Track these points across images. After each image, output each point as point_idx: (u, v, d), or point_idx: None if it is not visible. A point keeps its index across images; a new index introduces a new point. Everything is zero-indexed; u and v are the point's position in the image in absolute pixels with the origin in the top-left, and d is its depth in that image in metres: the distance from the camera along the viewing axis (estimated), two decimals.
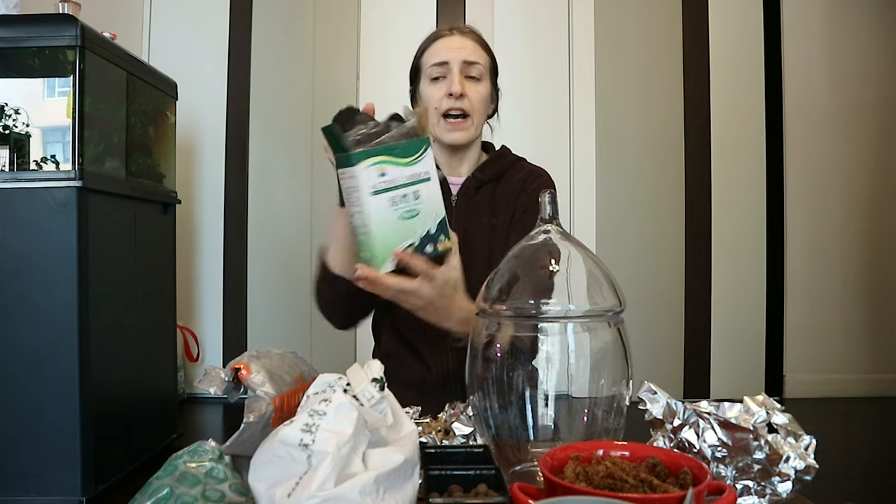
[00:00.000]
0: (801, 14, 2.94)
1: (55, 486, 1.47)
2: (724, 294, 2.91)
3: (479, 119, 1.29)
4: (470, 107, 1.25)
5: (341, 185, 0.93)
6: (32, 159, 1.56)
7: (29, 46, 1.54)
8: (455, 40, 1.28)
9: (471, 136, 1.29)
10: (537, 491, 0.59)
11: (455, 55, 1.26)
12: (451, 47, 1.27)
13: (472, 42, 1.28)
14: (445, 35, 1.29)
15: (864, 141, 2.96)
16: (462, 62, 1.25)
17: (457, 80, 1.24)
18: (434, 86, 1.27)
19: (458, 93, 1.23)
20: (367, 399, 0.60)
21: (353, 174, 0.88)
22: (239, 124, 2.84)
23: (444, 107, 1.25)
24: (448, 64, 1.25)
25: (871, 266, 2.97)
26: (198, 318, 2.83)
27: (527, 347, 0.76)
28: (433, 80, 1.27)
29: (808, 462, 0.67)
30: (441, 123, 1.26)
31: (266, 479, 0.57)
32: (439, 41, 1.29)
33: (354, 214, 0.90)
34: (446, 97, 1.25)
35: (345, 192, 0.91)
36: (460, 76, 1.25)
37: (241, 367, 0.79)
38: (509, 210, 1.29)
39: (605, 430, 0.75)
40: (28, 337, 1.49)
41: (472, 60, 1.26)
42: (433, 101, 1.27)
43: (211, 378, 0.80)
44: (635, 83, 2.90)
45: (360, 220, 0.89)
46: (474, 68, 1.26)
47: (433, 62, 1.27)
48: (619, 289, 0.76)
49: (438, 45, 1.28)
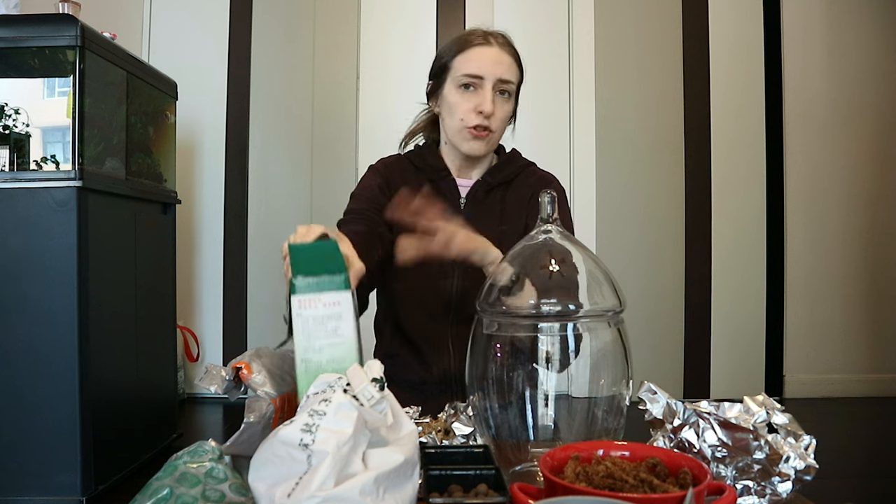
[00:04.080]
0: (801, 14, 2.94)
1: (55, 486, 1.47)
2: (724, 294, 2.91)
3: (500, 134, 1.28)
4: (495, 124, 1.24)
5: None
6: (32, 159, 1.56)
7: (29, 46, 1.53)
8: (492, 53, 1.23)
9: (489, 149, 1.28)
10: (537, 491, 0.59)
11: (492, 71, 1.22)
12: (489, 60, 1.23)
13: (509, 58, 1.24)
14: (481, 44, 1.24)
15: (864, 141, 2.96)
16: (497, 80, 1.22)
17: (489, 98, 1.21)
18: (463, 95, 1.24)
19: (489, 112, 1.21)
20: (367, 399, 0.60)
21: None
22: (239, 124, 2.84)
23: (472, 122, 1.23)
24: (483, 79, 1.22)
25: (872, 266, 2.97)
26: (198, 318, 2.83)
27: (527, 347, 0.76)
28: (463, 87, 1.24)
29: (808, 462, 0.67)
30: (464, 132, 1.24)
31: (266, 478, 0.57)
32: (476, 49, 1.24)
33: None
34: (475, 112, 1.22)
35: None
36: (493, 93, 1.22)
37: (243, 367, 0.79)
38: (520, 217, 1.28)
39: (605, 430, 0.75)
40: (28, 337, 1.49)
41: (507, 79, 1.23)
42: (460, 110, 1.24)
43: (212, 376, 0.80)
44: (635, 83, 2.90)
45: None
46: (507, 87, 1.24)
47: (467, 71, 1.23)
48: (619, 289, 0.76)
49: (474, 54, 1.23)
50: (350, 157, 2.83)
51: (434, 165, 1.30)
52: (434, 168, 1.30)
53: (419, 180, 1.30)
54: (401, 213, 1.07)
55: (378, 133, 2.80)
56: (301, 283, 0.72)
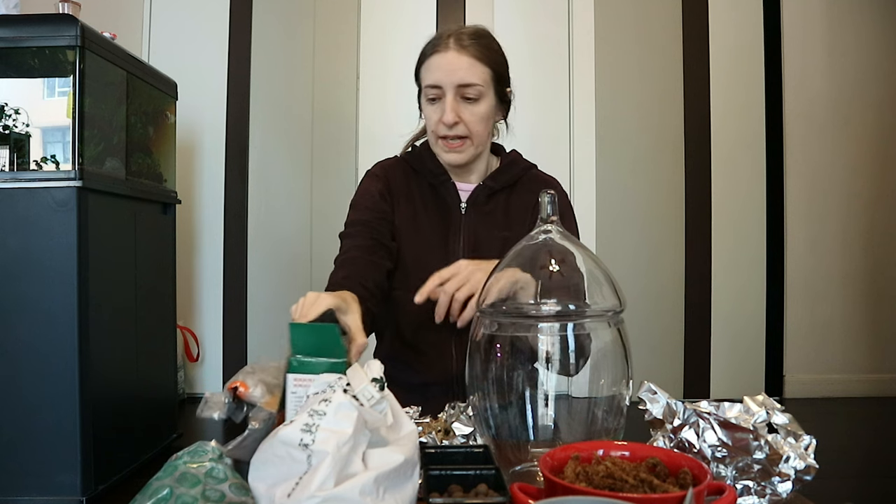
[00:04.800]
0: (801, 14, 2.94)
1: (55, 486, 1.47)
2: (724, 294, 2.91)
3: (480, 138, 1.23)
4: (466, 130, 1.20)
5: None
6: (32, 159, 1.56)
7: (29, 46, 1.54)
8: (448, 59, 1.19)
9: (469, 157, 1.24)
10: (537, 491, 0.59)
11: (448, 79, 1.18)
12: (445, 68, 1.18)
13: (468, 59, 1.18)
14: (440, 51, 1.20)
15: (865, 141, 2.96)
16: (456, 86, 1.18)
17: (449, 109, 1.17)
18: (430, 107, 1.22)
19: (450, 122, 1.18)
20: (367, 399, 0.60)
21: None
22: (239, 124, 2.84)
23: (441, 132, 1.21)
24: (442, 88, 1.18)
25: (872, 266, 2.97)
26: (198, 318, 2.83)
27: (527, 347, 0.76)
28: (430, 100, 1.22)
29: (808, 462, 0.67)
30: (439, 144, 1.23)
31: (266, 478, 0.57)
32: (433, 58, 1.21)
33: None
34: (440, 124, 1.20)
35: None
36: (454, 101, 1.18)
37: (238, 385, 0.78)
38: (525, 222, 1.26)
39: (605, 430, 0.75)
40: (28, 337, 1.49)
41: (466, 83, 1.18)
42: (430, 122, 1.23)
43: (212, 404, 0.78)
44: (635, 83, 2.90)
45: None
46: (471, 90, 1.18)
47: (428, 83, 1.21)
48: (619, 289, 0.75)
49: (432, 64, 1.20)
50: (350, 157, 2.83)
51: (433, 169, 1.29)
52: (433, 172, 1.29)
53: (419, 183, 1.29)
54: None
55: (378, 133, 2.80)
56: (298, 364, 0.73)
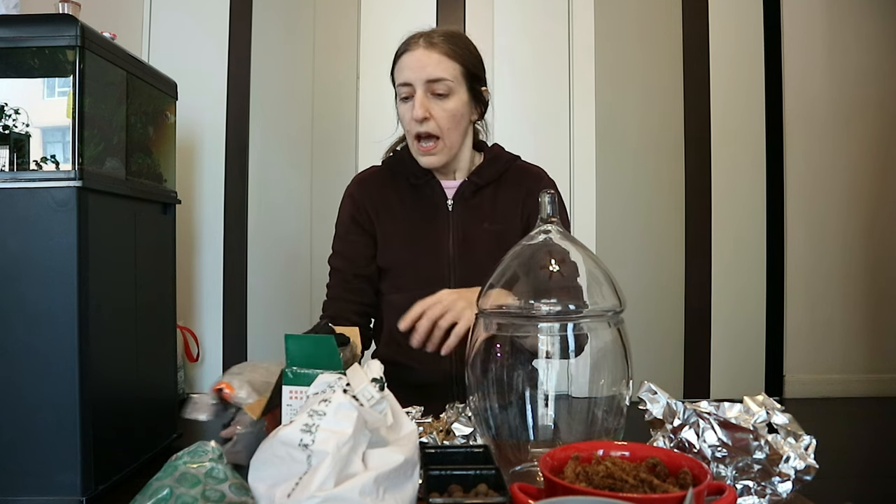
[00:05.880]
0: (801, 14, 2.94)
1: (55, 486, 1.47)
2: (724, 294, 2.91)
3: (452, 138, 1.23)
4: (437, 128, 1.21)
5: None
6: (32, 159, 1.56)
7: (29, 46, 1.53)
8: (418, 55, 1.20)
9: (444, 159, 1.24)
10: (537, 491, 0.59)
11: (417, 75, 1.19)
12: (413, 65, 1.20)
13: (437, 55, 1.19)
14: (410, 49, 1.22)
15: (865, 141, 2.96)
16: (425, 82, 1.19)
17: (418, 104, 1.18)
18: (403, 106, 1.23)
19: (419, 118, 1.19)
20: (366, 399, 0.60)
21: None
22: (239, 124, 2.84)
23: (413, 130, 1.21)
24: (412, 85, 1.20)
25: (872, 266, 2.97)
26: (198, 318, 2.83)
27: (527, 347, 0.76)
28: (402, 99, 1.23)
29: (808, 462, 0.67)
30: (415, 145, 1.24)
31: (266, 478, 0.57)
32: (404, 57, 1.22)
33: None
34: (413, 122, 1.21)
35: None
36: (424, 97, 1.19)
37: (223, 387, 0.78)
38: (517, 215, 1.27)
39: (605, 430, 0.75)
40: (27, 337, 1.48)
41: (435, 78, 1.19)
42: (404, 122, 1.24)
43: (198, 406, 0.79)
44: (635, 83, 2.90)
45: None
46: (440, 85, 1.19)
47: (399, 81, 1.22)
48: (619, 289, 0.76)
49: (402, 63, 1.22)
50: (350, 157, 2.83)
51: (415, 171, 1.29)
52: (415, 173, 1.29)
53: (400, 186, 1.29)
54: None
55: (378, 133, 2.79)
56: (293, 375, 0.73)
